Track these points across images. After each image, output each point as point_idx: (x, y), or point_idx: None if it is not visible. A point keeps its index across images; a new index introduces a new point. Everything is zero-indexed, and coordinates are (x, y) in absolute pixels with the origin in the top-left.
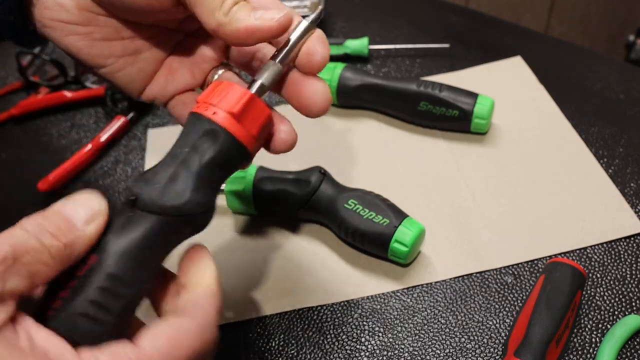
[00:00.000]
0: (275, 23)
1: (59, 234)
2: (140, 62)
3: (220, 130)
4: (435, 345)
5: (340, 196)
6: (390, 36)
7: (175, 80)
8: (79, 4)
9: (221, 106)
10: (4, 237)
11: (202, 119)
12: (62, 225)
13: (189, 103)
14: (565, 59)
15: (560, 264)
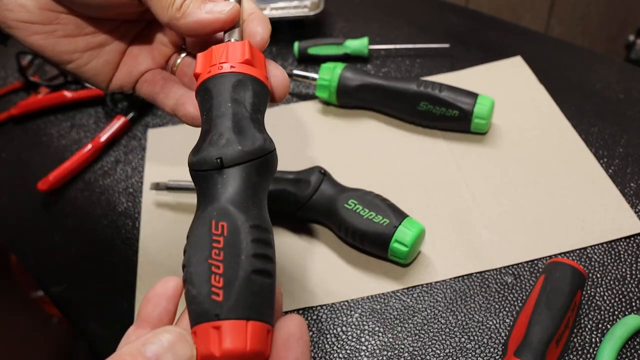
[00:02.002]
0: (223, 16)
1: None
2: (105, 55)
3: (247, 78)
4: (435, 345)
5: (340, 196)
6: (390, 36)
7: (138, 65)
8: (39, 4)
9: (233, 60)
10: None
11: (224, 76)
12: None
13: (151, 80)
14: (565, 59)
15: (560, 264)
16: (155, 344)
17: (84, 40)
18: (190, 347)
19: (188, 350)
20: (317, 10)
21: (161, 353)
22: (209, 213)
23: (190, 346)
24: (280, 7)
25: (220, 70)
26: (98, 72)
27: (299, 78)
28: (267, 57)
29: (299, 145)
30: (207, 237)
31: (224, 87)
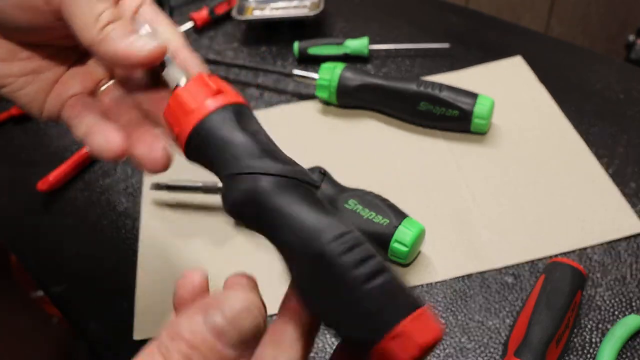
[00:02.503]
0: (142, 55)
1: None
2: (40, 81)
3: (244, 106)
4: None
5: (340, 196)
6: (390, 36)
7: (67, 90)
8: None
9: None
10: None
11: (228, 107)
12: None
13: (71, 104)
14: (565, 59)
15: (560, 264)
16: (217, 316)
17: (19, 66)
18: (255, 318)
19: (254, 322)
20: (317, 10)
21: (224, 327)
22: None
23: (256, 317)
24: (280, 7)
25: (218, 103)
26: (32, 98)
27: (299, 78)
28: (267, 57)
29: (299, 145)
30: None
31: (229, 117)
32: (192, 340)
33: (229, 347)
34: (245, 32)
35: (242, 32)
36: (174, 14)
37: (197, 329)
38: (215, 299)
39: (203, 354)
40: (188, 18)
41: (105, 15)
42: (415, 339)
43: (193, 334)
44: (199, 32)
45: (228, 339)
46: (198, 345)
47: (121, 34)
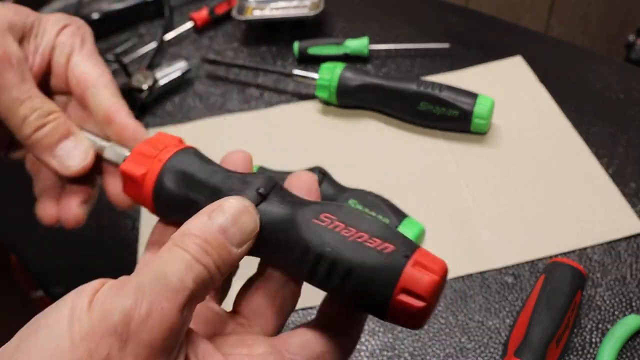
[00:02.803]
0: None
1: (220, 265)
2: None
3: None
4: (435, 345)
5: (340, 196)
6: (390, 36)
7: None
8: None
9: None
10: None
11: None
12: (223, 253)
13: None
14: (565, 59)
15: (560, 264)
16: (219, 217)
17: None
18: (254, 219)
19: (252, 223)
20: (317, 10)
21: (228, 226)
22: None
23: (254, 218)
24: (280, 7)
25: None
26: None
27: (299, 78)
28: (267, 57)
29: (299, 145)
30: (327, 230)
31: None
32: (204, 236)
33: (234, 245)
34: (245, 32)
35: (242, 32)
36: (174, 14)
37: (205, 227)
38: (215, 203)
39: (215, 248)
40: (188, 18)
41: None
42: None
43: (202, 232)
44: (199, 32)
45: (232, 237)
46: (210, 241)
47: (48, 145)
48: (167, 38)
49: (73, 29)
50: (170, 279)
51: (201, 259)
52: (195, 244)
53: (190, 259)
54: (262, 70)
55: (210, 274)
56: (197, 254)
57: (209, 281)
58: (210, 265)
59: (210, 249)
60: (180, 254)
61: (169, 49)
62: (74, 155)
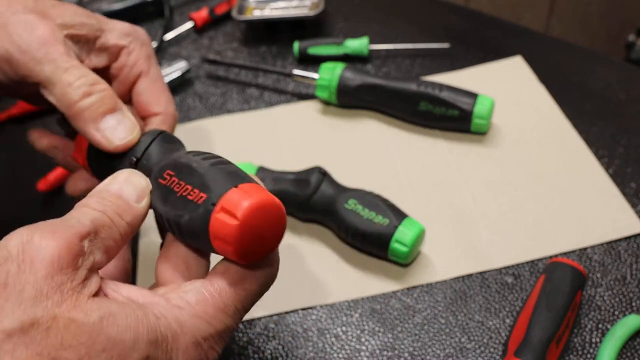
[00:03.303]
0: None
1: (122, 213)
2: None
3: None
4: (435, 345)
5: (340, 196)
6: (390, 36)
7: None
8: None
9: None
10: (82, 214)
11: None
12: (122, 204)
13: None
14: (565, 59)
15: (560, 264)
16: (114, 183)
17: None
18: (143, 177)
19: (143, 180)
20: (317, 10)
21: (121, 186)
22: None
23: (143, 177)
24: (280, 7)
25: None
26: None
27: (299, 78)
28: (267, 57)
29: (299, 145)
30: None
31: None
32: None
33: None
34: (245, 32)
35: (242, 32)
36: (174, 14)
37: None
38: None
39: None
40: (188, 18)
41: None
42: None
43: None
44: (199, 32)
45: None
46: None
47: (94, 115)
48: (167, 38)
49: (139, 46)
50: (69, 221)
51: (98, 207)
52: (92, 199)
53: (89, 209)
54: (262, 70)
55: (111, 219)
56: (94, 204)
57: (111, 226)
58: (109, 212)
59: (107, 201)
60: (79, 208)
61: (169, 49)
62: (119, 129)
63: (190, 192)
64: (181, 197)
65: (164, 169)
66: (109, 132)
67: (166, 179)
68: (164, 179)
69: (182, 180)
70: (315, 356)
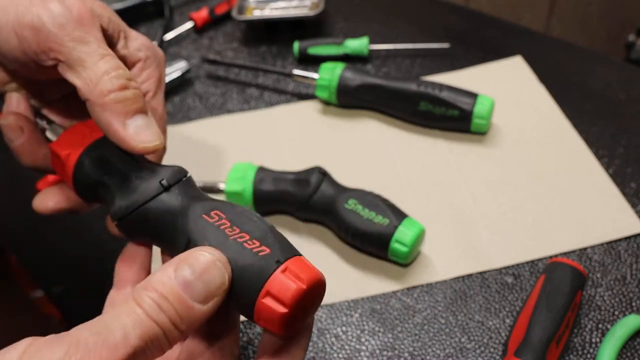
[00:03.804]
0: (137, 147)
1: (178, 322)
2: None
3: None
4: (435, 345)
5: (340, 196)
6: (390, 36)
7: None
8: None
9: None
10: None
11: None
12: (183, 310)
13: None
14: (565, 59)
15: (560, 264)
16: (183, 271)
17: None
18: (222, 273)
19: (219, 278)
20: (317, 10)
21: (191, 280)
22: (194, 212)
23: (222, 272)
24: (280, 7)
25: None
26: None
27: (299, 78)
28: (267, 57)
29: (299, 145)
30: (212, 226)
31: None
32: (162, 291)
33: (197, 301)
34: (245, 32)
35: (242, 32)
36: (174, 14)
37: (166, 281)
38: (185, 254)
39: (172, 304)
40: (188, 18)
41: (115, 75)
42: (286, 289)
43: (162, 285)
44: (199, 32)
45: (196, 292)
46: (167, 295)
47: (126, 110)
48: (167, 38)
49: (154, 66)
50: (113, 334)
51: (153, 315)
52: (150, 298)
53: (142, 314)
54: (262, 70)
55: (164, 330)
56: (150, 309)
57: (161, 338)
58: (163, 322)
59: (166, 305)
60: (132, 308)
61: (169, 49)
62: (147, 132)
63: (247, 240)
64: (235, 242)
65: (211, 208)
66: (137, 131)
67: (214, 218)
68: (212, 218)
69: (235, 226)
70: (315, 356)
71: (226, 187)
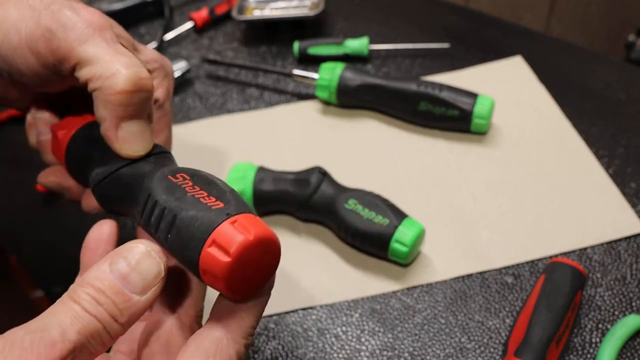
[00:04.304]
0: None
1: (118, 315)
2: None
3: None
4: (435, 345)
5: (340, 196)
6: (390, 36)
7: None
8: None
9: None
10: (70, 320)
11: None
12: (121, 302)
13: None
14: (565, 59)
15: (560, 264)
16: (119, 264)
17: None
18: (157, 262)
19: (155, 267)
20: (317, 10)
21: (127, 272)
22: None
23: (157, 262)
24: (280, 7)
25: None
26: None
27: (299, 78)
28: (267, 57)
29: (299, 145)
30: (174, 184)
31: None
32: (99, 286)
33: (135, 293)
34: (245, 32)
35: (242, 32)
36: (174, 14)
37: (103, 276)
38: (119, 248)
39: (110, 298)
40: (188, 18)
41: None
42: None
43: (100, 280)
44: (199, 32)
45: (132, 284)
46: (105, 290)
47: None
48: (167, 38)
49: (162, 76)
50: (50, 331)
51: (91, 310)
52: (87, 293)
53: (79, 310)
54: (262, 70)
55: (104, 324)
56: (87, 304)
57: (101, 332)
58: (102, 316)
59: (103, 298)
60: (68, 305)
61: (169, 49)
62: (136, 139)
63: (205, 197)
64: (192, 197)
65: (178, 171)
66: (127, 136)
67: (178, 179)
68: (176, 178)
69: (197, 185)
70: (315, 356)
71: None
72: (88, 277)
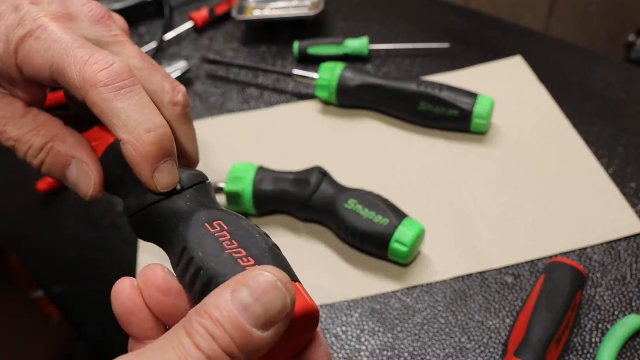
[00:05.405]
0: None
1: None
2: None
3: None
4: (435, 345)
5: (340, 196)
6: (390, 36)
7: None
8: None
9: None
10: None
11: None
12: (240, 338)
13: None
14: (565, 59)
15: (560, 264)
16: (242, 293)
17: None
18: (283, 296)
19: (280, 301)
20: (317, 10)
21: (250, 303)
22: (197, 220)
23: (283, 295)
24: (280, 7)
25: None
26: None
27: (299, 78)
28: (267, 57)
29: (299, 145)
30: (211, 236)
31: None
32: (217, 316)
33: (255, 327)
34: (245, 32)
35: (242, 32)
36: (174, 14)
37: (223, 305)
38: (243, 275)
39: (228, 331)
40: (188, 18)
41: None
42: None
43: (219, 310)
44: (199, 32)
45: (254, 316)
46: (223, 322)
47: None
48: (167, 38)
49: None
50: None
51: (204, 346)
52: (202, 325)
53: (190, 346)
54: (262, 70)
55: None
56: (200, 338)
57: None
58: (215, 354)
59: (219, 332)
60: (180, 339)
61: (169, 49)
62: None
63: (243, 257)
64: (229, 256)
65: (215, 217)
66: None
67: (216, 229)
68: (213, 228)
69: (235, 240)
70: None
71: (226, 187)
72: (207, 305)
